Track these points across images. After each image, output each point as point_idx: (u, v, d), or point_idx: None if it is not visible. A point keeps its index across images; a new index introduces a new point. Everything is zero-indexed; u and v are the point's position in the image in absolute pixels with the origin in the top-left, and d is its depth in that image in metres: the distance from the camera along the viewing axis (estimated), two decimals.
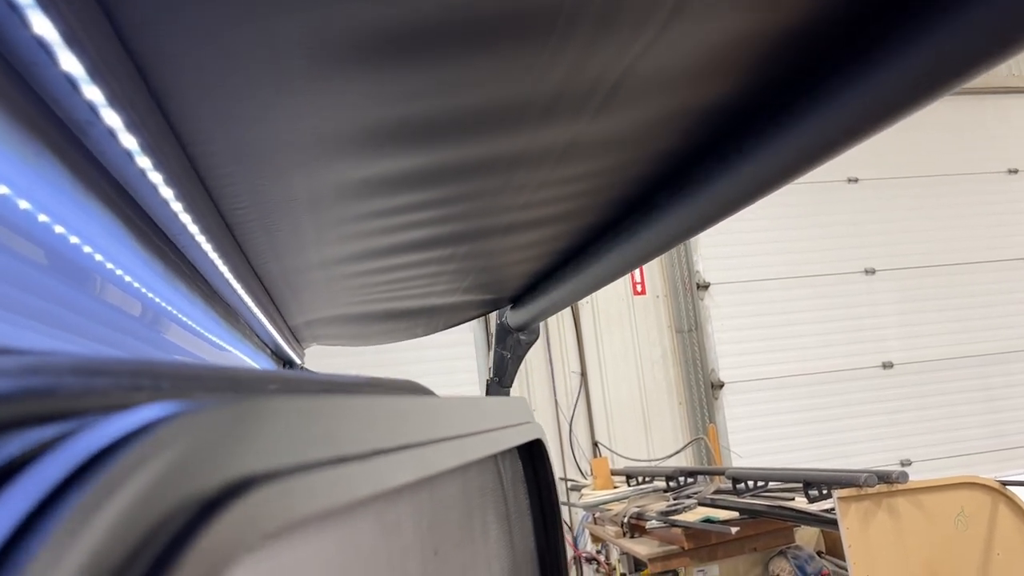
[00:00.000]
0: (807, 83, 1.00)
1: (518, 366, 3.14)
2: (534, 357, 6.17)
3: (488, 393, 3.12)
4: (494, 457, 0.84)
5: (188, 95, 0.83)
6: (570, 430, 6.13)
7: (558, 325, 6.26)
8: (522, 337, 3.01)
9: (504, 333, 3.02)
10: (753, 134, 1.11)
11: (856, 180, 6.91)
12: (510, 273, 2.18)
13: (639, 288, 6.50)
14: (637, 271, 6.50)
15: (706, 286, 6.57)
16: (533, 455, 0.98)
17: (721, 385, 6.45)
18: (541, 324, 6.11)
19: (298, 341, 2.73)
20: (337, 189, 1.19)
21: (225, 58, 0.77)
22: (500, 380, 3.12)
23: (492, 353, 3.12)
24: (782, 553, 3.87)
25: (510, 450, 0.91)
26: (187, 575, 0.25)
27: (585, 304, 6.34)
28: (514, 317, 2.77)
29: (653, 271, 6.53)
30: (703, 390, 6.36)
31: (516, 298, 2.65)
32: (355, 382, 0.66)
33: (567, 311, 6.28)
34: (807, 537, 4.06)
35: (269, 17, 0.73)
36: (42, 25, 0.59)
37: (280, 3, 0.71)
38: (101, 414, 0.30)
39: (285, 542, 0.36)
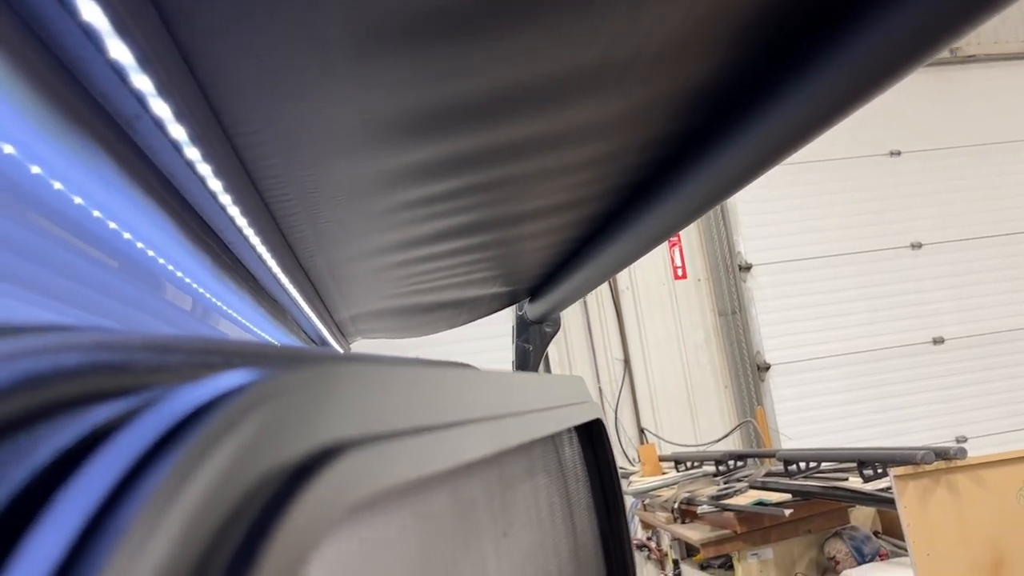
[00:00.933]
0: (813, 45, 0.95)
1: (541, 358, 3.09)
2: (576, 345, 6.14)
3: None
4: (554, 437, 0.82)
5: (233, 84, 0.82)
6: (615, 417, 6.10)
7: (599, 312, 6.23)
8: (547, 329, 2.97)
9: (524, 326, 2.99)
10: (757, 104, 1.07)
11: (898, 153, 6.77)
12: (528, 264, 2.16)
13: (680, 272, 6.43)
14: (677, 255, 6.43)
15: (748, 267, 6.48)
16: (592, 436, 0.96)
17: (767, 367, 6.36)
18: (582, 313, 6.10)
19: (344, 335, 2.74)
20: (379, 177, 1.19)
21: (268, 45, 0.76)
22: None
23: (514, 347, 3.08)
24: (838, 534, 3.80)
25: (569, 430, 0.90)
26: (282, 543, 0.24)
27: (626, 290, 6.30)
28: (533, 310, 2.74)
29: (694, 254, 6.46)
30: (749, 373, 6.28)
31: (533, 290, 2.62)
32: (413, 362, 0.64)
33: (607, 298, 6.25)
34: (863, 517, 3.99)
35: (310, 2, 0.72)
36: (91, 12, 0.59)
37: None
38: (178, 386, 0.29)
39: (366, 514, 0.35)
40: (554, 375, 0.79)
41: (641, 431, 6.11)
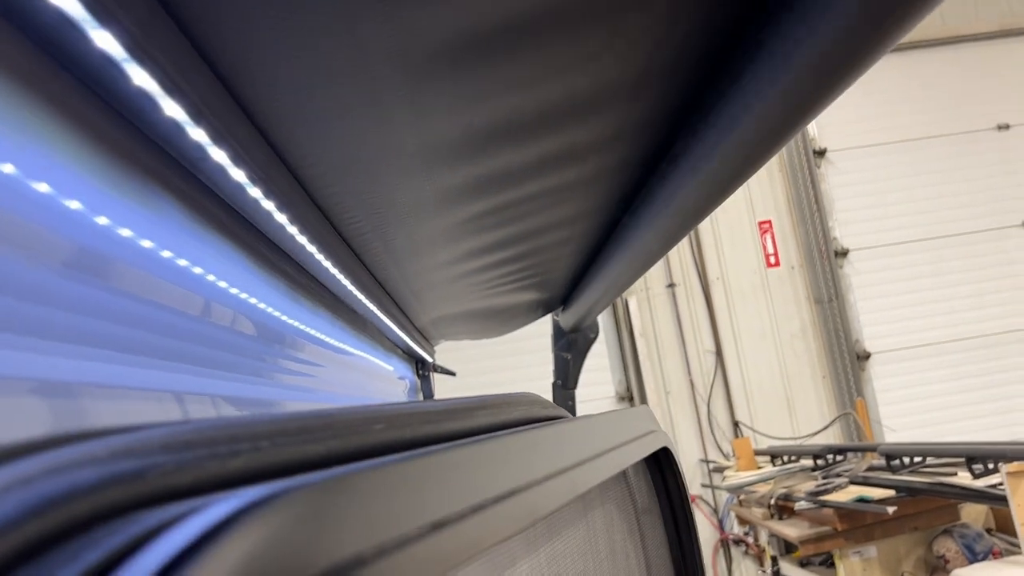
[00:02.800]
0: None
1: (580, 367, 3.03)
2: (665, 337, 6.06)
3: (553, 396, 3.01)
4: (622, 473, 0.81)
5: (290, 124, 0.84)
6: (708, 411, 5.99)
7: (688, 304, 6.13)
8: (584, 336, 2.91)
9: (560, 334, 2.94)
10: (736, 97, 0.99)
11: (1007, 127, 6.39)
12: (556, 273, 2.15)
13: (772, 260, 6.26)
14: (769, 242, 6.26)
15: (844, 253, 6.25)
16: (661, 464, 0.94)
17: (867, 356, 6.13)
18: (671, 304, 6.01)
19: (427, 339, 2.77)
20: (435, 195, 1.20)
21: (320, 80, 0.77)
22: (564, 383, 3.01)
23: (553, 357, 3.03)
24: (947, 532, 3.64)
25: (638, 462, 0.88)
26: None
27: (716, 280, 6.17)
28: (565, 318, 2.70)
29: (787, 240, 6.27)
30: (848, 362, 6.06)
31: (565, 298, 2.59)
32: (468, 406, 0.64)
33: (697, 288, 6.13)
34: (974, 514, 3.80)
35: (356, 32, 0.73)
36: (141, 77, 0.60)
37: (365, 15, 0.70)
38: (193, 498, 0.29)
39: None
40: (619, 411, 0.78)
41: (735, 424, 5.98)
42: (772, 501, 4.18)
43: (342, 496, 0.31)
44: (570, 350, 2.93)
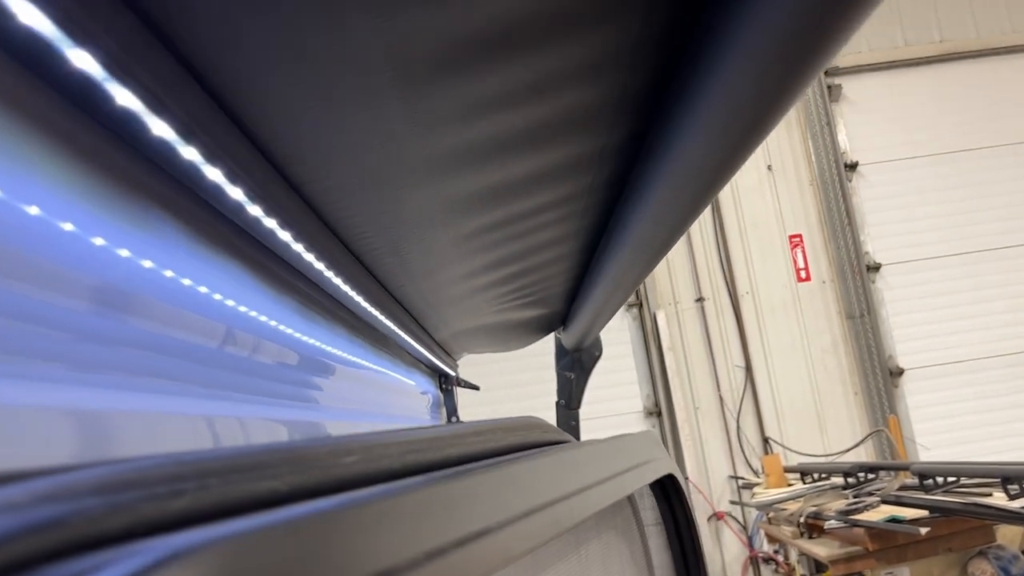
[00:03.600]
0: None
1: (584, 386, 2.98)
2: (694, 352, 6.00)
3: (556, 417, 2.96)
4: (628, 499, 0.78)
5: (287, 137, 0.83)
6: (737, 427, 5.91)
7: (717, 318, 6.06)
8: (595, 353, 2.87)
9: (563, 353, 2.90)
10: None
11: None
12: (555, 291, 2.12)
13: (803, 274, 6.17)
14: (800, 257, 6.17)
15: (877, 267, 6.15)
16: (667, 491, 0.91)
17: (901, 372, 6.00)
18: (699, 318, 5.94)
19: (448, 353, 2.76)
20: (446, 206, 1.19)
21: (316, 93, 0.76)
22: (567, 403, 2.95)
23: (557, 376, 2.98)
24: (982, 553, 3.54)
25: (641, 490, 0.85)
26: None
27: (746, 295, 6.10)
28: (567, 338, 2.66)
29: (818, 255, 6.19)
30: (880, 379, 5.94)
31: (564, 317, 2.55)
32: (458, 433, 0.62)
33: (726, 303, 6.06)
34: (1010, 535, 3.70)
35: (350, 42, 0.72)
36: (124, 96, 0.59)
37: (358, 23, 0.69)
38: (122, 545, 0.27)
39: None
40: (622, 436, 0.76)
41: (765, 441, 5.89)
42: (802, 519, 4.10)
43: (289, 540, 0.29)
44: (573, 369, 2.89)
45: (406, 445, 0.53)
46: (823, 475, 4.62)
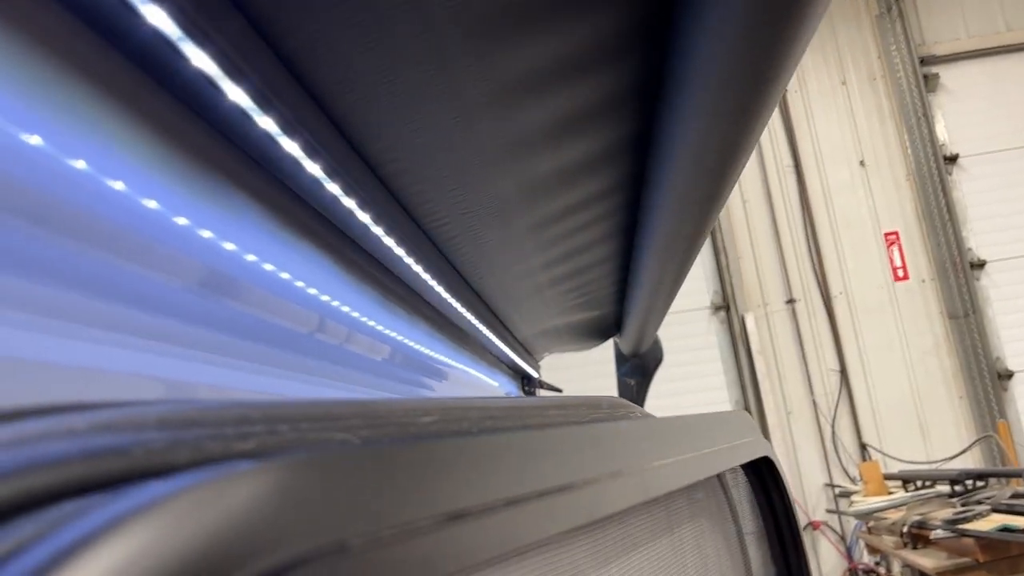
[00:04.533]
0: None
1: (646, 392, 2.89)
2: (785, 356, 5.81)
3: None
4: (717, 481, 0.74)
5: (366, 116, 0.82)
6: (832, 432, 5.69)
7: (810, 320, 5.86)
8: (657, 357, 2.80)
9: (622, 360, 2.83)
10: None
11: None
12: (605, 292, 2.07)
13: (900, 273, 5.91)
14: (896, 255, 5.92)
15: (981, 264, 5.84)
16: (763, 475, 0.86)
17: (1010, 375, 5.67)
18: (791, 320, 5.76)
19: (529, 353, 2.73)
20: (519, 190, 1.16)
21: (394, 72, 0.75)
22: None
23: (617, 383, 2.91)
24: None
25: (733, 471, 0.81)
26: None
27: (839, 295, 5.88)
28: (624, 343, 2.60)
29: (916, 253, 5.92)
30: (988, 381, 5.63)
31: (619, 321, 2.50)
32: (538, 404, 0.60)
33: (819, 304, 5.86)
34: None
35: (432, 23, 0.70)
36: (200, 60, 0.59)
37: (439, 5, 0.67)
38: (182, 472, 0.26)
39: None
40: (711, 414, 0.72)
41: (862, 447, 5.65)
42: (905, 529, 3.92)
43: (358, 469, 0.27)
44: (634, 375, 2.84)
45: (485, 411, 0.51)
46: (927, 482, 4.42)
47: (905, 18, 6.06)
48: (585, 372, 5.10)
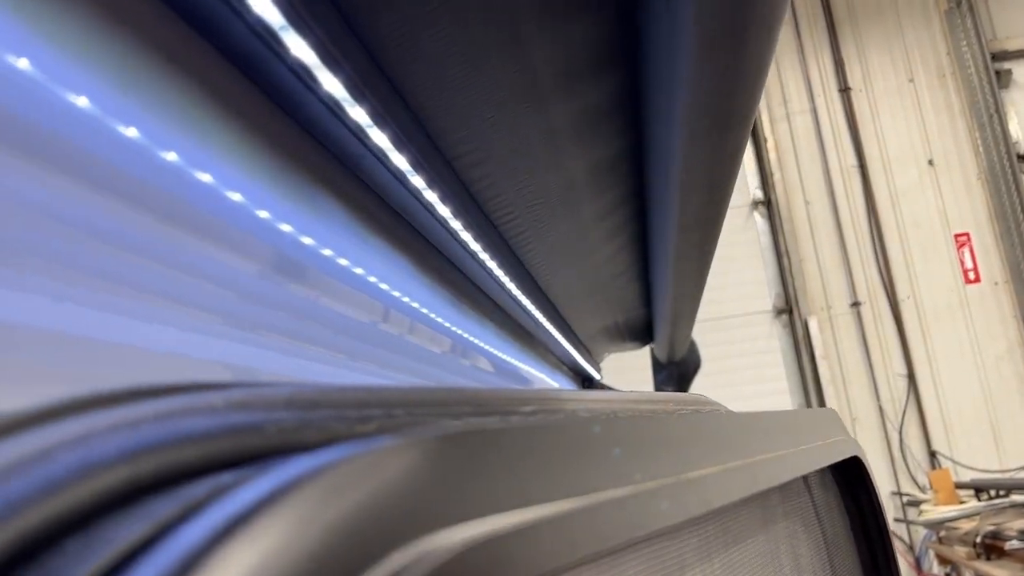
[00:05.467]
0: None
1: None
2: (849, 360, 5.68)
3: None
4: (803, 480, 0.72)
5: (442, 107, 0.82)
6: (900, 440, 5.53)
7: (875, 324, 5.71)
8: (694, 362, 2.77)
9: (659, 368, 2.80)
10: None
11: None
12: (634, 296, 2.05)
13: (971, 275, 5.73)
14: (967, 256, 5.74)
15: None
16: (850, 476, 0.83)
17: None
18: (855, 324, 5.62)
19: (591, 353, 2.72)
20: (583, 176, 1.15)
21: (467, 61, 0.75)
22: None
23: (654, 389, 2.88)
24: None
25: (820, 472, 0.78)
26: None
27: (907, 299, 5.72)
28: (659, 350, 2.59)
29: (989, 254, 5.73)
30: None
31: (649, 328, 2.48)
32: (633, 399, 0.59)
33: (885, 307, 5.71)
34: None
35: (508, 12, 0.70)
36: (299, 48, 0.60)
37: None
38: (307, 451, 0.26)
39: None
40: (798, 410, 0.70)
41: (932, 455, 5.49)
42: (978, 539, 3.79)
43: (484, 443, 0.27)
44: (669, 383, 2.82)
45: (582, 403, 0.52)
46: (1001, 492, 4.28)
47: (975, 13, 5.88)
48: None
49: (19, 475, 0.21)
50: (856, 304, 5.75)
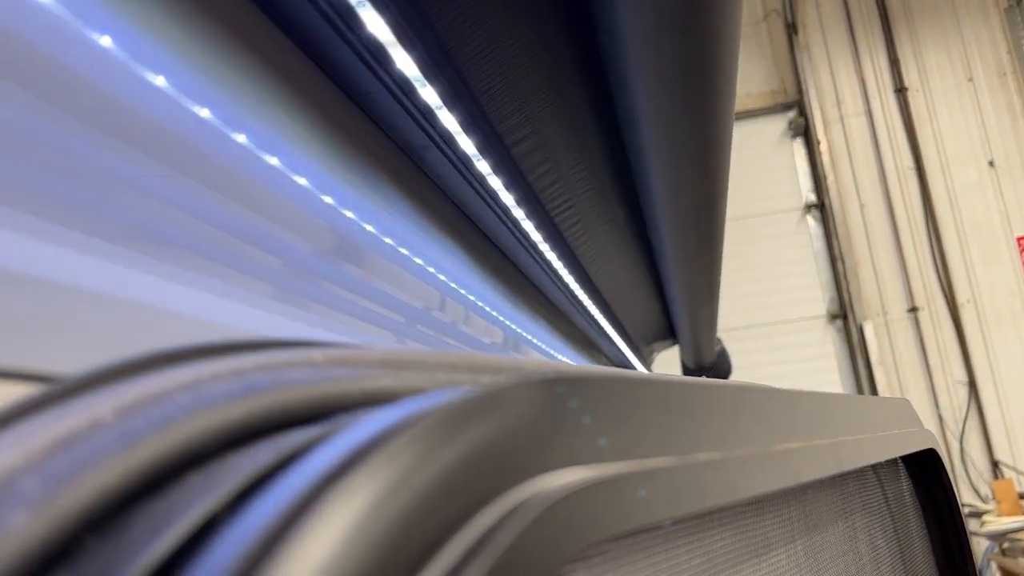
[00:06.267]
0: None
1: None
2: (907, 368, 5.54)
3: None
4: (873, 470, 0.69)
5: (499, 94, 0.82)
6: (961, 448, 5.38)
7: (934, 330, 5.57)
8: (726, 368, 2.78)
9: (688, 374, 2.80)
10: None
11: None
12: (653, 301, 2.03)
13: None
14: None
15: None
16: (924, 468, 0.80)
17: None
18: (913, 329, 5.48)
19: (639, 350, 2.70)
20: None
21: (528, 47, 0.74)
22: None
23: None
24: None
25: (892, 463, 0.76)
26: None
27: (967, 303, 5.57)
28: (685, 357, 2.59)
29: None
30: None
31: (672, 333, 2.46)
32: (699, 384, 0.58)
33: (944, 312, 5.57)
34: None
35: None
36: (375, 25, 0.60)
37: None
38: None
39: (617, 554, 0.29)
40: (873, 397, 0.68)
41: (994, 464, 5.32)
42: None
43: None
44: None
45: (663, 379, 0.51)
46: None
47: None
48: None
49: (141, 413, 0.22)
50: (914, 309, 5.62)
